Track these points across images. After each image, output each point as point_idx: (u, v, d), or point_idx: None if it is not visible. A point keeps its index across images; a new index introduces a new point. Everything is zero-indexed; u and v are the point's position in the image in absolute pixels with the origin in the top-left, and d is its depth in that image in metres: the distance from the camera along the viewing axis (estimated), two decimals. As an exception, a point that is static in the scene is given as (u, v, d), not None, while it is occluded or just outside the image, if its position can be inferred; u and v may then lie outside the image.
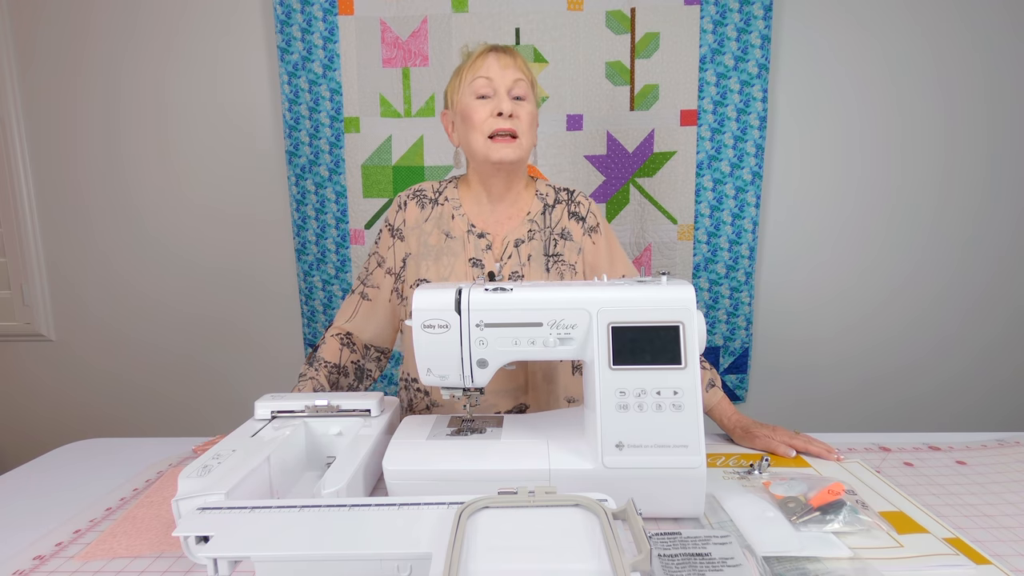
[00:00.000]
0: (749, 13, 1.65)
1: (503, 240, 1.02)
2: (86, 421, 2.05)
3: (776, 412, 1.87)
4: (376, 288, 1.06)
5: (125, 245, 1.93)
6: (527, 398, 1.01)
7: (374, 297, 1.06)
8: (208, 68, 1.82)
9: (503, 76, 0.95)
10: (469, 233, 1.02)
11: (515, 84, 0.96)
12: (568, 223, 1.04)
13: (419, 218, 1.04)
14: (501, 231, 1.03)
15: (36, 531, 0.72)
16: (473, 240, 1.01)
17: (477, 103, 0.96)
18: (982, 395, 1.87)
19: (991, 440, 0.92)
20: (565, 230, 1.03)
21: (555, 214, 1.04)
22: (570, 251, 1.02)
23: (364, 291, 1.07)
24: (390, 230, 1.06)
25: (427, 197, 1.06)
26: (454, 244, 1.01)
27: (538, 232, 1.02)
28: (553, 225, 1.03)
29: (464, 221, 1.03)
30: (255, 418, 0.85)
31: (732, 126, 1.71)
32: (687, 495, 0.69)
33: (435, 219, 1.04)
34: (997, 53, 1.70)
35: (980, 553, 0.61)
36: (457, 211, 1.03)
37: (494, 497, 0.55)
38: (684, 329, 0.69)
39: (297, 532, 0.53)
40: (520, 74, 0.96)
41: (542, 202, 1.05)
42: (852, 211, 1.79)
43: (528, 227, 1.03)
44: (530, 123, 0.97)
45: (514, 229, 1.02)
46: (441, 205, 1.05)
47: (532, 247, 1.01)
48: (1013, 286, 1.82)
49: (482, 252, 1.01)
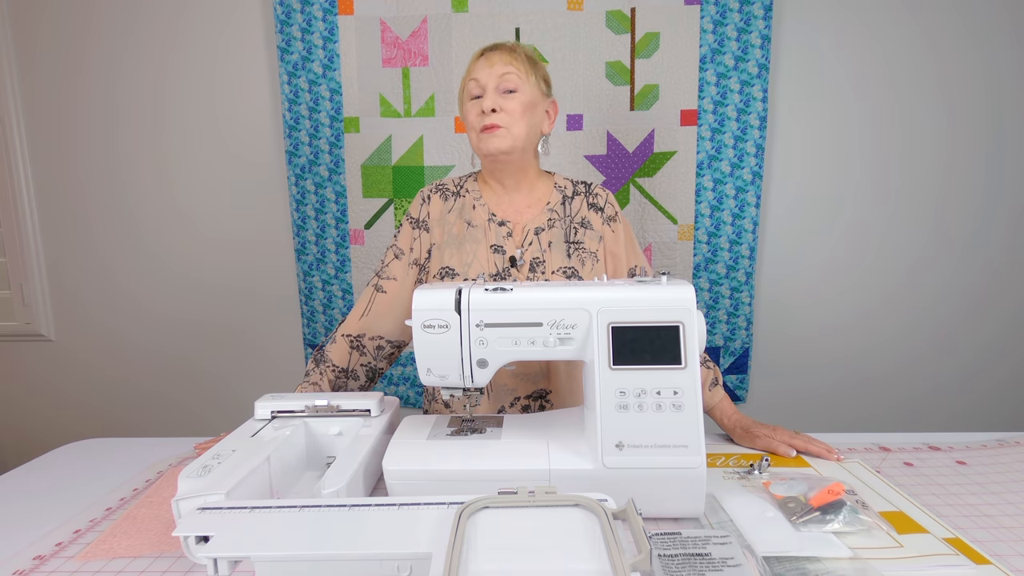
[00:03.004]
0: (749, 13, 1.64)
1: (523, 228, 1.05)
2: (86, 421, 2.05)
3: (776, 412, 1.87)
4: (393, 280, 1.06)
5: (125, 245, 1.93)
6: (547, 383, 1.02)
7: (390, 289, 1.06)
8: (208, 68, 1.81)
9: (490, 74, 0.98)
10: (490, 221, 1.04)
11: (502, 79, 0.98)
12: (588, 213, 1.06)
13: (443, 209, 1.07)
14: (521, 220, 1.05)
15: (36, 531, 0.72)
16: (494, 228, 1.04)
17: (470, 104, 1.00)
18: (982, 395, 1.87)
19: (991, 440, 0.92)
20: (585, 219, 1.06)
21: (574, 204, 1.07)
22: (591, 239, 1.04)
23: (379, 283, 1.07)
24: (412, 223, 1.08)
25: (449, 190, 1.09)
26: (476, 232, 1.04)
27: (558, 221, 1.05)
28: (573, 215, 1.06)
29: (485, 210, 1.05)
30: (255, 418, 0.85)
31: (732, 126, 1.71)
32: (687, 495, 0.69)
33: (457, 209, 1.07)
34: (997, 53, 1.70)
35: (980, 553, 0.61)
36: (478, 201, 1.07)
37: (494, 497, 0.55)
38: (684, 329, 0.69)
39: (297, 532, 0.53)
40: (510, 67, 0.98)
41: (561, 193, 1.08)
42: (852, 211, 1.79)
43: (548, 216, 1.05)
44: (522, 112, 0.98)
45: (534, 218, 1.05)
46: (463, 196, 1.08)
47: (552, 235, 1.04)
48: (1013, 286, 1.82)
49: (503, 239, 1.03)
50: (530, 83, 1.00)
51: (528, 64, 1.00)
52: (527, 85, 0.99)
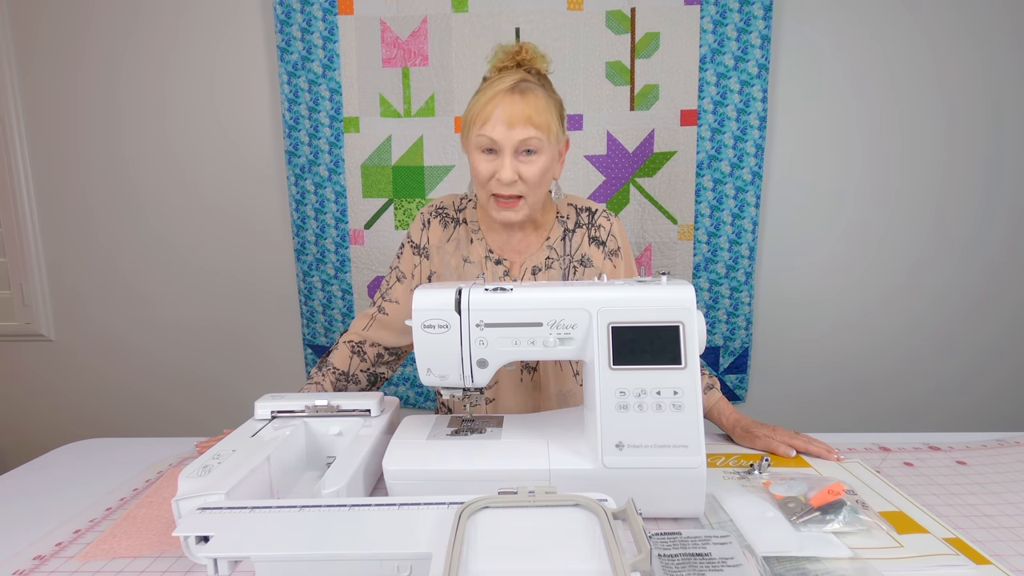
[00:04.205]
0: (749, 13, 1.64)
1: (521, 267, 1.02)
2: (86, 421, 2.05)
3: (776, 412, 1.87)
4: (395, 303, 1.05)
5: (125, 245, 1.93)
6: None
7: (392, 312, 1.05)
8: (208, 68, 1.81)
9: (508, 137, 0.87)
10: (487, 259, 1.02)
11: (522, 143, 0.88)
12: (588, 249, 1.02)
13: (442, 238, 1.04)
14: (519, 258, 1.02)
15: (36, 531, 0.72)
16: (491, 267, 1.01)
17: (481, 157, 0.91)
18: (982, 395, 1.87)
19: (991, 440, 0.92)
20: (585, 256, 1.02)
21: (575, 240, 1.03)
22: (589, 277, 1.01)
23: (382, 305, 1.06)
24: (414, 248, 1.05)
25: (449, 216, 1.05)
26: (472, 269, 1.01)
27: (556, 260, 1.02)
28: (573, 252, 1.02)
29: (482, 246, 1.02)
30: (255, 418, 0.85)
31: (732, 126, 1.71)
32: (687, 495, 0.69)
33: (455, 241, 1.03)
34: (997, 53, 1.70)
35: (980, 553, 0.61)
36: (476, 235, 1.03)
37: (494, 497, 0.55)
38: (684, 329, 0.69)
39: (297, 532, 0.53)
40: (531, 131, 0.87)
41: (563, 226, 1.03)
42: (852, 211, 1.79)
43: (547, 254, 1.02)
44: (540, 177, 0.91)
45: (532, 255, 1.02)
46: (462, 225, 1.04)
47: (550, 275, 1.01)
48: (1013, 286, 1.82)
49: (500, 279, 1.00)
50: (551, 139, 0.90)
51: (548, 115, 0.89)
52: (548, 145, 0.90)
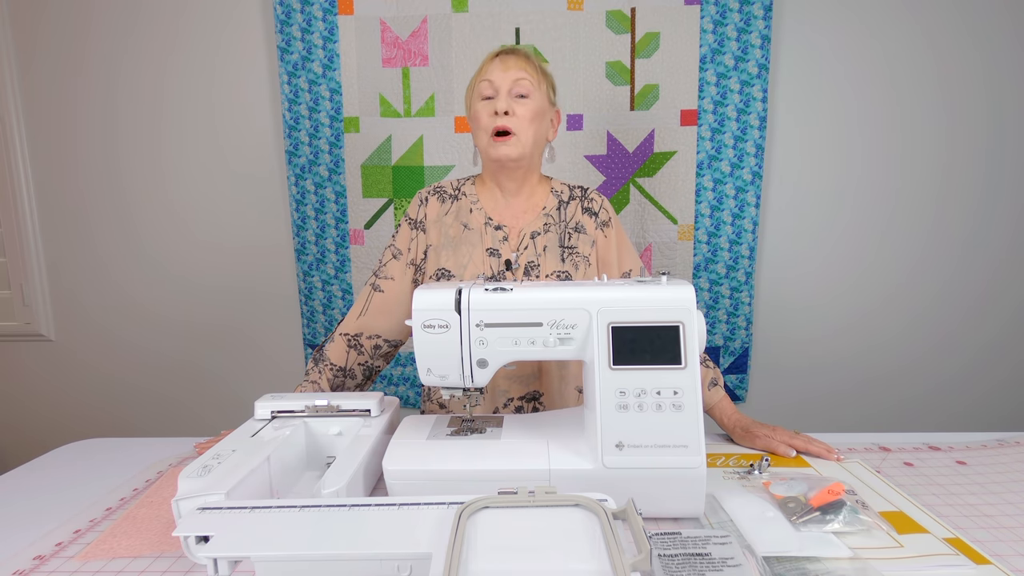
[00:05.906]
0: (749, 13, 1.64)
1: (519, 232, 1.06)
2: (86, 421, 2.05)
3: (776, 412, 1.87)
4: (390, 280, 1.07)
5: (125, 245, 1.93)
6: (540, 385, 1.03)
7: (387, 289, 1.07)
8: (208, 68, 1.81)
9: (504, 77, 0.99)
10: (486, 225, 1.05)
11: (516, 83, 0.99)
12: (582, 218, 1.08)
13: (440, 212, 1.08)
14: (517, 224, 1.07)
15: (36, 531, 0.72)
16: (490, 232, 1.05)
17: (481, 105, 1.01)
18: (982, 395, 1.87)
19: (991, 440, 0.92)
20: (579, 224, 1.07)
21: (569, 209, 1.08)
22: (584, 243, 1.06)
23: (377, 283, 1.08)
24: (410, 223, 1.08)
25: (447, 193, 1.10)
26: (472, 235, 1.05)
27: (553, 225, 1.06)
28: (568, 219, 1.07)
29: (482, 214, 1.07)
30: (255, 418, 0.85)
31: (732, 126, 1.71)
32: (687, 495, 0.69)
33: (454, 212, 1.08)
34: (997, 53, 1.70)
35: (980, 553, 0.61)
36: (475, 205, 1.08)
37: (494, 497, 0.55)
38: (684, 329, 0.69)
39: (297, 532, 0.53)
40: (524, 73, 0.99)
41: (557, 198, 1.09)
42: (852, 211, 1.79)
43: (544, 221, 1.07)
44: (532, 119, 1.00)
45: (530, 223, 1.06)
46: (460, 200, 1.09)
47: (547, 239, 1.05)
48: (1013, 286, 1.82)
49: (499, 243, 1.04)
50: (541, 91, 1.02)
51: (539, 73, 1.02)
52: (538, 92, 1.01)
